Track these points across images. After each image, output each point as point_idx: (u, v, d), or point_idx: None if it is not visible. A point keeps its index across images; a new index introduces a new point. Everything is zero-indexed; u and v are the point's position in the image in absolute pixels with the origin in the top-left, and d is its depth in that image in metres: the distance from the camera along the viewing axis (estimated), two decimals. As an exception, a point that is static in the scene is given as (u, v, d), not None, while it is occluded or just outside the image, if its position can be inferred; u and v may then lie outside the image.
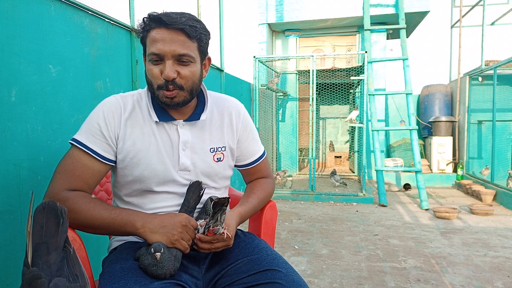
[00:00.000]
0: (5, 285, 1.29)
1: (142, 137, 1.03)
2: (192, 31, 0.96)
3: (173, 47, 0.95)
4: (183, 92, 1.00)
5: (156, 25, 0.96)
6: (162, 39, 0.95)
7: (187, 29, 0.95)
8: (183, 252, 0.94)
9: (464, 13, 6.32)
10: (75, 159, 0.99)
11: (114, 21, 1.99)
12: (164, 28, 0.95)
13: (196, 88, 1.04)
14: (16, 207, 1.33)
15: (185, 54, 0.97)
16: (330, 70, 5.39)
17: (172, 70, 0.96)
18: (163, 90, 0.99)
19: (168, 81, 0.97)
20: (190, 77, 1.00)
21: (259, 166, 1.24)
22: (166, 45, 0.95)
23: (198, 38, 0.99)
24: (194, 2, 3.38)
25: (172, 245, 0.92)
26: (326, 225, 3.49)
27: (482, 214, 3.83)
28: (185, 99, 1.02)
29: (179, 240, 0.93)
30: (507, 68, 5.05)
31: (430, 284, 2.17)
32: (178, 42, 0.96)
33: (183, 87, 0.99)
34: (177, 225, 0.94)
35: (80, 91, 1.72)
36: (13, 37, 1.34)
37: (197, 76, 1.02)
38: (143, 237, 0.94)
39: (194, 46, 0.99)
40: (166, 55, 0.96)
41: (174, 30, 0.95)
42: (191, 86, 1.01)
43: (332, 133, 7.16)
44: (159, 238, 0.92)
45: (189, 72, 0.99)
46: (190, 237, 0.95)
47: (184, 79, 0.99)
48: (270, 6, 6.22)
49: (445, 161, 5.88)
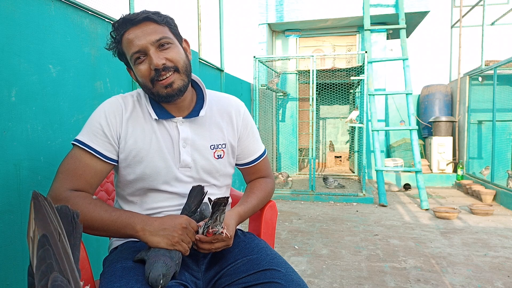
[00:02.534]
0: (5, 285, 1.29)
1: (143, 135, 1.04)
2: (157, 17, 1.00)
3: (148, 37, 0.98)
4: (180, 75, 1.02)
5: (124, 29, 1.00)
6: (135, 36, 0.98)
7: (151, 16, 0.99)
8: (183, 254, 0.94)
9: (464, 13, 6.32)
10: (77, 159, 0.99)
11: (114, 21, 1.99)
12: (131, 26, 0.99)
13: (189, 70, 1.06)
14: (16, 207, 1.33)
15: (162, 37, 0.99)
16: (330, 70, 5.39)
17: (159, 57, 0.98)
18: (158, 82, 1.00)
19: (159, 69, 0.98)
20: (179, 57, 1.02)
21: (259, 165, 1.24)
22: (141, 39, 0.98)
23: (165, 22, 1.02)
24: (194, 2, 3.39)
25: (173, 247, 0.92)
26: (326, 225, 3.49)
27: (482, 214, 3.82)
28: (184, 83, 1.03)
29: (179, 242, 0.93)
30: (507, 68, 5.05)
31: (430, 284, 2.17)
32: (149, 30, 0.99)
33: (177, 68, 1.01)
34: (177, 227, 0.93)
35: (80, 91, 1.72)
36: (13, 37, 1.34)
37: (183, 56, 1.04)
38: (143, 240, 0.93)
39: (166, 29, 1.02)
40: (146, 46, 0.98)
41: (141, 23, 0.99)
42: (185, 67, 1.03)
43: (332, 133, 7.17)
44: (159, 240, 0.92)
45: (175, 53, 1.01)
46: (190, 239, 0.95)
47: (173, 61, 1.00)
48: (270, 6, 6.22)
49: (445, 161, 5.88)
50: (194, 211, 1.01)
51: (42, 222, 0.52)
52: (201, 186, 1.04)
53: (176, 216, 0.97)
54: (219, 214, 0.92)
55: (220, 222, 0.93)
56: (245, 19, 6.64)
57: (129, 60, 1.02)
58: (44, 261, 0.49)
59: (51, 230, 0.52)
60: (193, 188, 1.05)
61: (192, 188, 1.05)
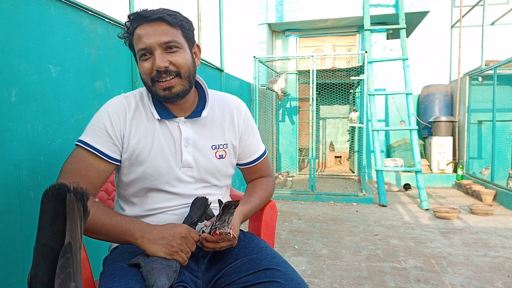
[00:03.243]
0: (5, 285, 1.29)
1: (145, 135, 1.04)
2: (172, 19, 0.99)
3: (158, 37, 0.97)
4: (181, 80, 1.01)
5: (137, 23, 0.99)
6: (146, 33, 0.98)
7: (167, 17, 0.98)
8: (181, 264, 0.94)
9: (464, 13, 6.32)
10: (81, 159, 0.99)
11: (114, 21, 1.99)
12: (145, 22, 0.98)
13: (193, 76, 1.05)
14: (16, 207, 1.33)
15: (171, 40, 0.98)
16: (330, 70, 5.39)
17: (163, 59, 0.98)
18: (158, 83, 0.99)
19: (161, 71, 0.98)
20: (183, 63, 1.01)
21: (260, 165, 1.24)
22: (150, 37, 0.97)
23: (180, 25, 1.00)
24: (194, 2, 3.39)
25: (171, 257, 0.91)
26: (326, 225, 3.49)
27: (482, 214, 3.82)
28: (184, 89, 1.02)
29: (177, 252, 0.92)
30: (507, 68, 5.05)
31: (430, 284, 2.17)
32: (161, 31, 0.98)
33: (179, 73, 1.00)
34: (176, 237, 0.93)
35: (80, 91, 1.72)
36: (13, 37, 1.34)
37: (189, 62, 1.03)
38: (141, 248, 0.93)
39: (178, 33, 1.01)
40: (153, 46, 0.97)
41: (154, 21, 0.98)
42: (188, 73, 1.02)
43: (332, 133, 7.17)
44: (157, 249, 0.91)
45: (180, 58, 1.00)
46: (189, 250, 0.95)
47: (177, 66, 1.00)
48: (270, 6, 6.22)
49: (445, 161, 5.88)
50: (195, 222, 1.01)
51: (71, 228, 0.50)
52: (205, 198, 1.04)
53: (176, 225, 0.97)
54: (228, 217, 0.92)
55: (228, 224, 0.93)
56: (245, 19, 6.64)
57: (136, 53, 1.02)
58: (65, 270, 0.48)
59: (76, 238, 0.51)
60: (196, 199, 1.04)
61: (196, 200, 1.04)
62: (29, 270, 0.49)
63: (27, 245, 1.39)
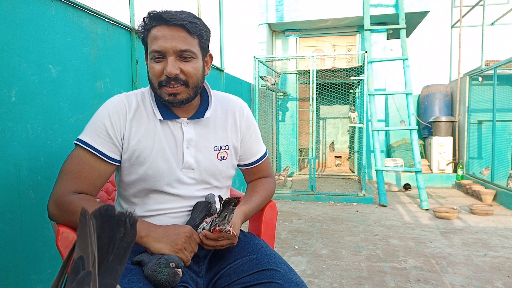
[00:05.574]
0: (5, 285, 1.29)
1: (146, 135, 1.03)
2: (193, 27, 0.97)
3: (174, 43, 0.95)
4: (188, 89, 1.00)
5: (156, 23, 0.97)
6: (163, 36, 0.96)
7: (187, 25, 0.96)
8: (184, 263, 0.94)
9: (464, 13, 6.32)
10: (81, 160, 0.98)
11: (114, 21, 1.99)
12: (165, 25, 0.96)
13: (200, 85, 1.04)
14: (16, 207, 1.33)
15: (187, 49, 0.97)
16: (330, 70, 5.39)
17: (175, 66, 0.96)
18: (165, 87, 0.99)
19: (170, 78, 0.97)
20: (194, 73, 1.00)
21: (261, 165, 1.24)
22: (167, 42, 0.95)
23: (198, 34, 0.99)
24: (194, 2, 3.39)
25: (175, 254, 0.92)
26: (326, 225, 3.49)
27: (482, 214, 3.82)
28: (189, 97, 1.02)
29: (182, 250, 0.93)
30: (507, 68, 5.05)
31: (430, 284, 2.17)
32: (179, 38, 0.96)
33: (188, 83, 0.99)
34: (181, 235, 0.94)
35: (80, 91, 1.72)
36: (13, 37, 1.34)
37: (200, 72, 1.02)
38: (146, 246, 0.93)
39: (195, 42, 0.99)
40: (168, 51, 0.96)
41: (174, 26, 0.96)
42: (196, 83, 1.01)
43: (332, 133, 7.17)
44: (162, 247, 0.92)
45: (192, 68, 0.99)
46: (192, 249, 0.96)
47: (187, 75, 0.99)
48: (270, 6, 6.22)
49: (445, 161, 5.88)
50: (198, 225, 1.01)
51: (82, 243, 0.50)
52: (207, 202, 1.05)
53: (180, 225, 0.98)
54: (229, 213, 0.93)
55: (228, 221, 0.93)
56: (245, 19, 6.64)
57: (148, 52, 1.01)
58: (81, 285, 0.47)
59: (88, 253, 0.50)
60: (199, 203, 1.05)
61: (198, 203, 1.05)
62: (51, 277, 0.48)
63: (27, 245, 1.39)
